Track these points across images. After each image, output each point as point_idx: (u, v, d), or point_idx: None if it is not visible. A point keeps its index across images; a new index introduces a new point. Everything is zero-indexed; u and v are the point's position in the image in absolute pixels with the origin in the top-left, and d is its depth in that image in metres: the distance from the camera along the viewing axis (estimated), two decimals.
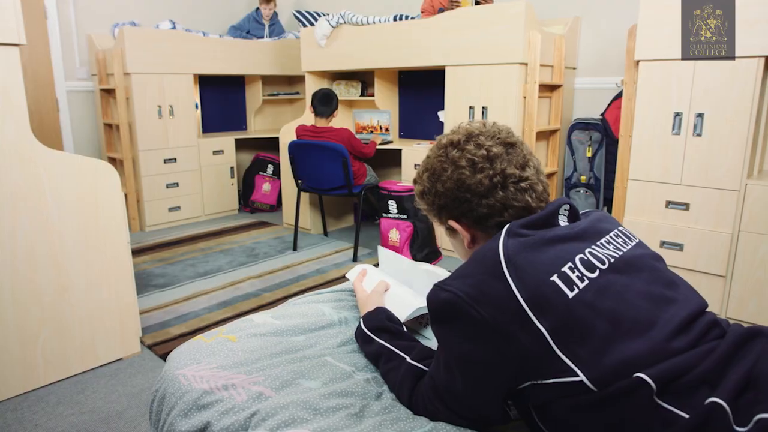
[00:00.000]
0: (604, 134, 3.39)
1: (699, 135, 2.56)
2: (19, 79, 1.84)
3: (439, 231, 3.54)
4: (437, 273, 1.25)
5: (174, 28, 4.22)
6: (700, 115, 2.54)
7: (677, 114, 2.61)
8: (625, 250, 0.91)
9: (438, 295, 0.84)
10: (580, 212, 1.00)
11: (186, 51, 4.18)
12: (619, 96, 3.32)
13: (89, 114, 4.41)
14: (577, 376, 0.76)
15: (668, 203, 2.70)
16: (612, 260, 0.87)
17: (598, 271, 0.84)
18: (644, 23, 2.62)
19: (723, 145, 2.50)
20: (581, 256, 0.85)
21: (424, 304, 1.17)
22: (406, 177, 3.68)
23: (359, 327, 1.15)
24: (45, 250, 1.95)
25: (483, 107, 3.22)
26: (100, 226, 2.09)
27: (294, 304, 1.27)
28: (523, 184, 0.92)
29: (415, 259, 3.31)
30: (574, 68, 3.62)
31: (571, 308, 0.78)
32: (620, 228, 0.98)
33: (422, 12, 3.66)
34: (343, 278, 3.13)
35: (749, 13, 2.33)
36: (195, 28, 4.62)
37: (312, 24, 4.31)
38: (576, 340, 0.77)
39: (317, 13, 4.38)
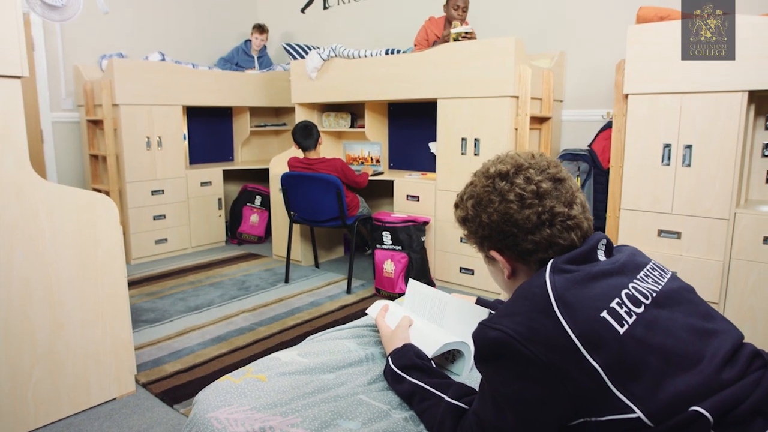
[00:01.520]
0: (591, 165, 3.46)
1: (688, 166, 2.63)
2: (20, 111, 1.80)
3: (434, 262, 3.54)
4: (470, 307, 1.24)
5: (163, 59, 4.22)
6: (689, 147, 2.63)
7: (666, 145, 2.68)
8: (662, 283, 0.92)
9: (486, 334, 0.83)
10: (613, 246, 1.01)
11: (175, 82, 4.17)
12: (605, 127, 3.42)
13: (74, 145, 4.33)
14: (634, 412, 0.75)
15: (660, 232, 2.76)
16: (654, 294, 0.87)
17: (643, 306, 0.84)
18: (632, 59, 2.72)
19: (711, 175, 2.58)
20: (626, 291, 0.85)
21: (452, 339, 1.16)
22: (399, 208, 3.69)
23: (388, 365, 1.12)
24: (40, 285, 1.89)
25: (475, 139, 3.27)
26: (98, 260, 2.03)
27: (318, 340, 1.24)
28: (569, 222, 0.91)
29: None
30: (561, 101, 3.72)
31: (623, 344, 0.78)
32: (654, 261, 0.99)
33: (415, 45, 3.72)
34: (339, 310, 3.09)
35: None
36: (184, 60, 4.62)
37: (302, 57, 4.36)
38: (630, 376, 0.77)
39: (307, 47, 4.44)
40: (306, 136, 3.48)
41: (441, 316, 1.27)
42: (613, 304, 0.82)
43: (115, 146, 3.96)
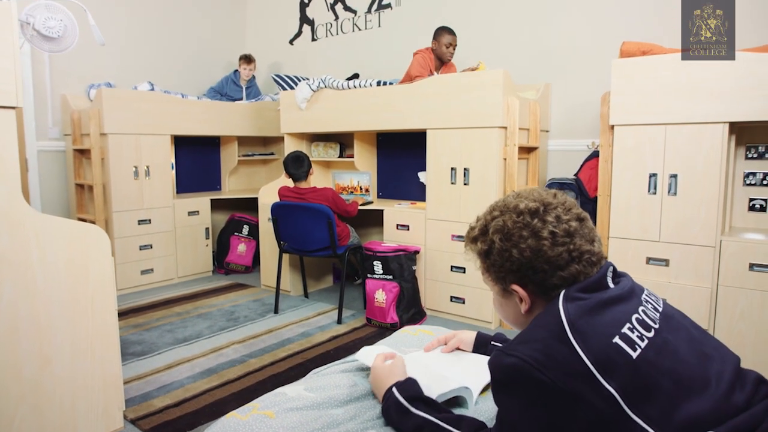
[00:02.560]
0: (578, 193, 3.52)
1: (674, 194, 2.70)
2: (13, 141, 1.79)
3: (424, 291, 3.53)
4: (482, 360, 1.23)
5: (152, 89, 4.22)
6: (674, 176, 2.69)
7: (652, 175, 2.75)
8: (660, 309, 0.95)
9: (503, 360, 0.84)
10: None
11: (164, 112, 4.17)
12: (591, 157, 3.49)
13: (59, 174, 4.28)
14: None
15: (648, 260, 2.80)
16: (658, 319, 0.90)
17: (653, 330, 0.87)
18: (616, 91, 2.80)
19: (697, 203, 2.64)
20: (636, 315, 0.88)
21: (450, 387, 1.13)
22: (389, 237, 3.69)
23: (392, 397, 1.07)
24: (28, 319, 1.84)
25: (465, 168, 3.31)
26: (88, 293, 1.99)
27: (322, 374, 1.22)
28: (593, 258, 0.95)
29: (401, 320, 3.27)
30: (547, 131, 3.80)
31: (637, 368, 0.81)
32: (646, 288, 1.02)
33: (416, 76, 3.65)
34: (330, 341, 3.05)
35: (711, 85, 2.53)
36: (173, 90, 4.63)
37: (291, 87, 4.40)
38: (645, 399, 0.79)
39: (297, 77, 4.49)
40: (297, 166, 3.49)
41: (446, 363, 1.25)
42: (625, 330, 0.84)
43: (102, 175, 3.93)
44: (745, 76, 2.45)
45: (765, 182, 2.85)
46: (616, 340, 0.82)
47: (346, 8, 4.88)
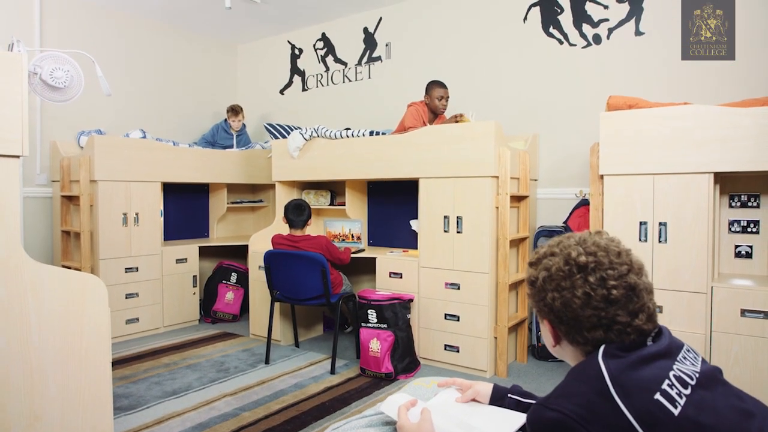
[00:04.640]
0: None
1: (665, 242, 2.76)
2: (16, 190, 1.76)
3: (418, 340, 3.49)
4: (504, 412, 1.21)
5: (144, 137, 4.23)
6: (663, 224, 2.76)
7: (643, 223, 2.82)
8: (698, 365, 0.95)
9: (544, 414, 0.83)
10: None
11: (155, 159, 4.17)
12: (579, 205, 3.57)
13: (44, 221, 4.21)
14: None
15: None
16: (696, 376, 0.90)
17: (690, 387, 0.87)
18: (605, 142, 2.90)
19: (687, 251, 2.71)
20: (674, 372, 0.88)
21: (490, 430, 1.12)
22: (381, 285, 3.67)
23: None
24: (20, 373, 1.76)
25: (458, 217, 3.35)
26: (83, 345, 1.93)
27: (343, 430, 1.19)
28: (628, 329, 0.93)
29: (396, 369, 3.21)
30: (536, 180, 3.89)
31: (679, 425, 0.81)
32: (686, 344, 1.02)
33: (409, 127, 3.72)
34: (324, 392, 2.98)
35: (695, 136, 2.64)
36: (165, 137, 4.65)
37: (283, 136, 4.46)
38: None
39: (288, 127, 4.55)
40: (298, 213, 3.51)
41: (469, 416, 1.23)
42: (665, 386, 0.84)
43: (91, 222, 3.87)
44: (727, 128, 2.57)
45: (749, 230, 2.94)
46: (657, 396, 0.83)
47: (337, 60, 5.02)
